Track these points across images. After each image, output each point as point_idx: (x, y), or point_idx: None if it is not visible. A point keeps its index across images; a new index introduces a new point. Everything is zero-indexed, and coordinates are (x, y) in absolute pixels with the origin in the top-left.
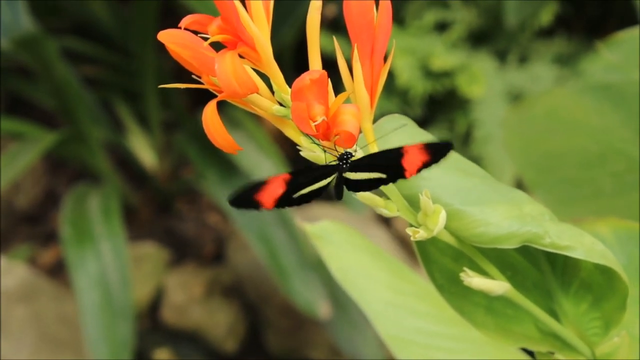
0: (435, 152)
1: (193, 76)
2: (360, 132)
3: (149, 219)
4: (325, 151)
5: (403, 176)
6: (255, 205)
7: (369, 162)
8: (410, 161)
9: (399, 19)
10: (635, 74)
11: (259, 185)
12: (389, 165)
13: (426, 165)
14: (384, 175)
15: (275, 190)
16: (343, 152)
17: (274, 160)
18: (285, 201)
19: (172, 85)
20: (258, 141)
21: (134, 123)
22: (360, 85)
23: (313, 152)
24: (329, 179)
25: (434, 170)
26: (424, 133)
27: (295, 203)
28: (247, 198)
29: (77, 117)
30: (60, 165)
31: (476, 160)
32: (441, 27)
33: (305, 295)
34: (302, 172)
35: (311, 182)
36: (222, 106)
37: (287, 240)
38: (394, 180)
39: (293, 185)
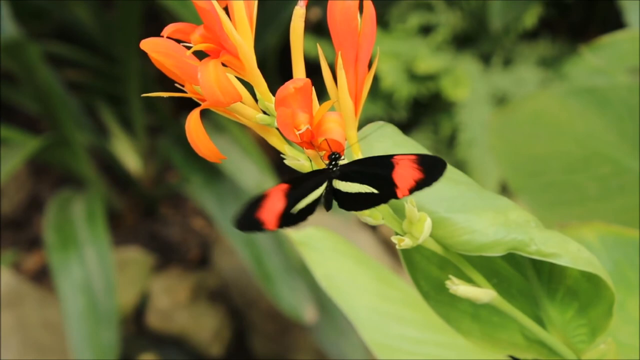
0: (428, 170)
1: (176, 84)
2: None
3: (134, 223)
4: (310, 160)
5: (395, 196)
6: (259, 225)
7: (358, 168)
8: (402, 176)
9: (383, 23)
10: (619, 78)
11: (259, 201)
12: (379, 176)
13: (420, 185)
14: (375, 190)
15: (275, 204)
16: (331, 153)
17: (258, 165)
18: (286, 219)
19: (155, 94)
20: (243, 146)
21: (118, 128)
22: (344, 93)
23: (297, 161)
24: (321, 189)
25: None
26: (409, 140)
27: (293, 222)
28: (250, 217)
29: (61, 122)
30: (44, 170)
31: (461, 163)
32: (425, 30)
33: (290, 300)
34: (297, 180)
35: (307, 192)
36: (207, 111)
37: (272, 244)
38: (386, 201)
39: (291, 196)
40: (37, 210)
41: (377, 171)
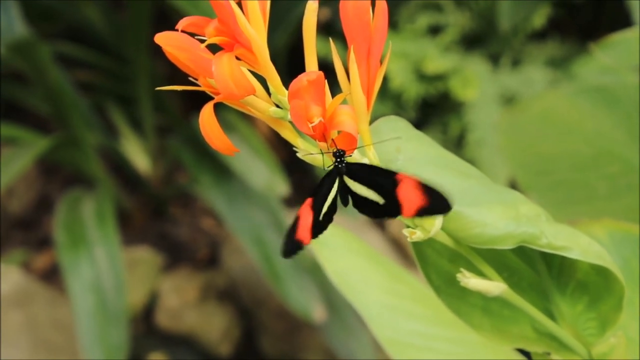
0: (432, 203)
1: (190, 78)
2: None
3: (143, 223)
4: (322, 153)
5: (400, 213)
6: (300, 246)
7: (363, 169)
8: (406, 197)
9: (392, 23)
10: (629, 77)
11: (295, 223)
12: (384, 188)
13: (422, 213)
14: (381, 200)
15: (306, 219)
16: (336, 150)
17: (268, 164)
18: (317, 227)
19: (168, 88)
20: (252, 145)
21: (127, 128)
22: (357, 86)
23: (310, 154)
24: (335, 188)
25: (430, 171)
26: (421, 134)
27: (323, 228)
28: (292, 241)
29: (71, 122)
30: (54, 170)
31: (470, 163)
32: (434, 30)
33: (299, 299)
34: (316, 188)
35: (326, 195)
36: (216, 110)
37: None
38: (394, 216)
39: (317, 205)
40: (46, 210)
41: (381, 181)
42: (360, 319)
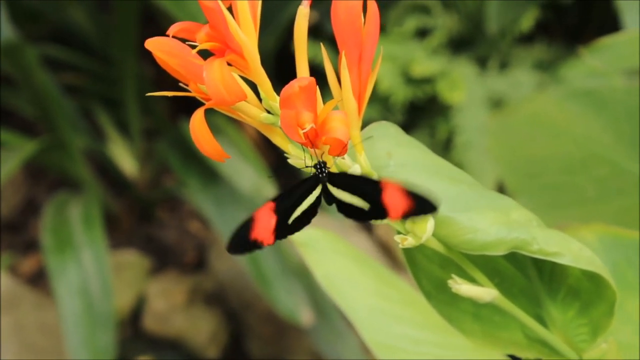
0: (418, 205)
1: (180, 84)
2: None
3: (130, 226)
4: (312, 159)
5: (386, 216)
6: (256, 244)
7: (345, 179)
8: (392, 202)
9: (380, 26)
10: (617, 80)
11: (249, 223)
12: (368, 195)
13: (410, 215)
14: (366, 206)
15: (267, 222)
16: (317, 162)
17: (255, 167)
18: (284, 230)
19: (158, 94)
20: (239, 148)
21: (114, 131)
22: (348, 92)
23: (301, 160)
24: (315, 193)
25: (422, 177)
26: (412, 140)
27: (296, 229)
28: (244, 240)
29: (57, 125)
30: (41, 173)
31: (457, 166)
32: (422, 33)
33: (287, 302)
34: (285, 195)
35: (298, 202)
36: (205, 113)
37: (269, 247)
38: (379, 219)
39: (281, 210)
40: (33, 213)
41: (365, 189)
42: (347, 322)
